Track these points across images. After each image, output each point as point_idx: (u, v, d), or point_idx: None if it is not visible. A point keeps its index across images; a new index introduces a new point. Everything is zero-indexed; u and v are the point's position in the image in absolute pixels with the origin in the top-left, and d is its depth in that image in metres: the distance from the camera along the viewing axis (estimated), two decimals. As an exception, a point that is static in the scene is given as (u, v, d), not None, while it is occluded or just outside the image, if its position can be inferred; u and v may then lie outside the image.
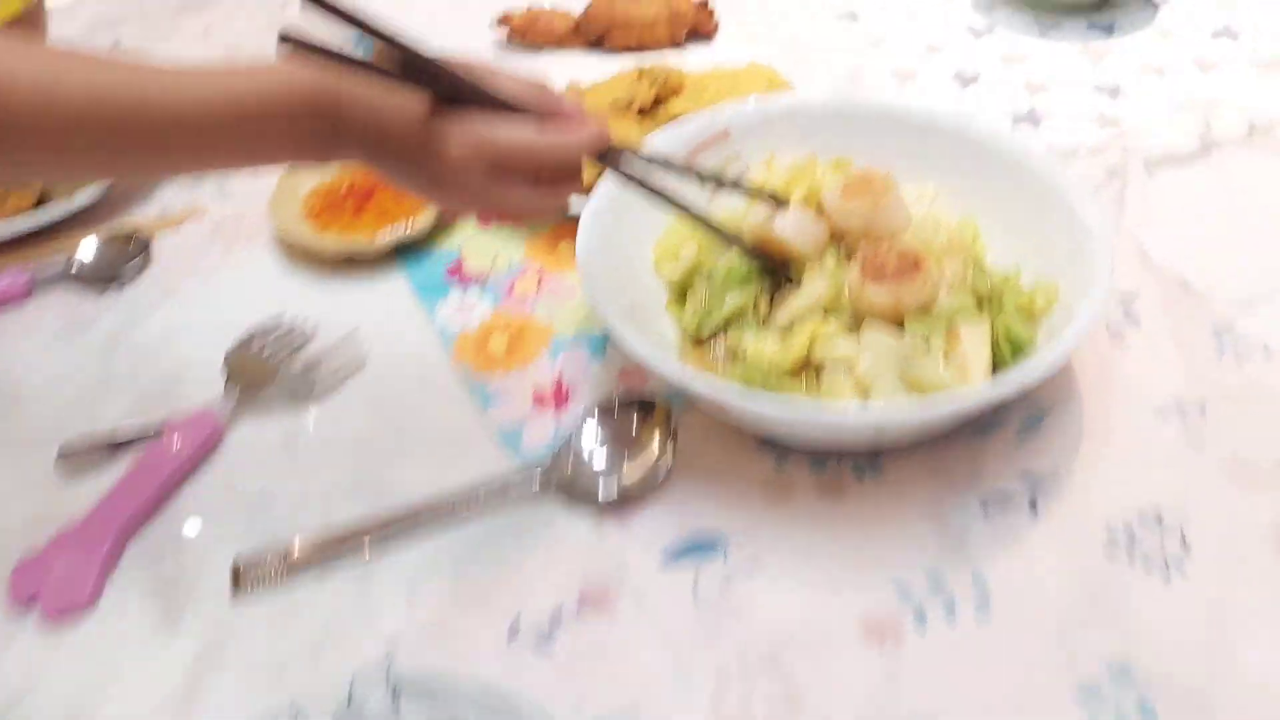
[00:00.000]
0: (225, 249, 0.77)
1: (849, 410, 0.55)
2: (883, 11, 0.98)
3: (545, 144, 0.53)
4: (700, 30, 0.93)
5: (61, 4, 1.06)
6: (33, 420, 0.65)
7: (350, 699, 0.49)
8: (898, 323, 0.60)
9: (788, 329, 0.62)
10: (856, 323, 0.61)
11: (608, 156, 0.57)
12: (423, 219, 0.75)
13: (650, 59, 0.90)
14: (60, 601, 0.54)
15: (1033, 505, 0.56)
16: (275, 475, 0.61)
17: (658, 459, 0.59)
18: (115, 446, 0.62)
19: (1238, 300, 0.67)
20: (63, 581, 0.55)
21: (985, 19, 0.96)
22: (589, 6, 0.93)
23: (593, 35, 0.92)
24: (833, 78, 0.86)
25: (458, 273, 0.74)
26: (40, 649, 0.52)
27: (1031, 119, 0.83)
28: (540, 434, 0.62)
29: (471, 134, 0.52)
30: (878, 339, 0.58)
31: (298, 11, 0.99)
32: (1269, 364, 0.63)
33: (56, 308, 0.73)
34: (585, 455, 0.59)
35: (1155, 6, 0.95)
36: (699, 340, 0.64)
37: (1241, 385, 0.62)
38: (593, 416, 0.61)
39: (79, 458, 0.61)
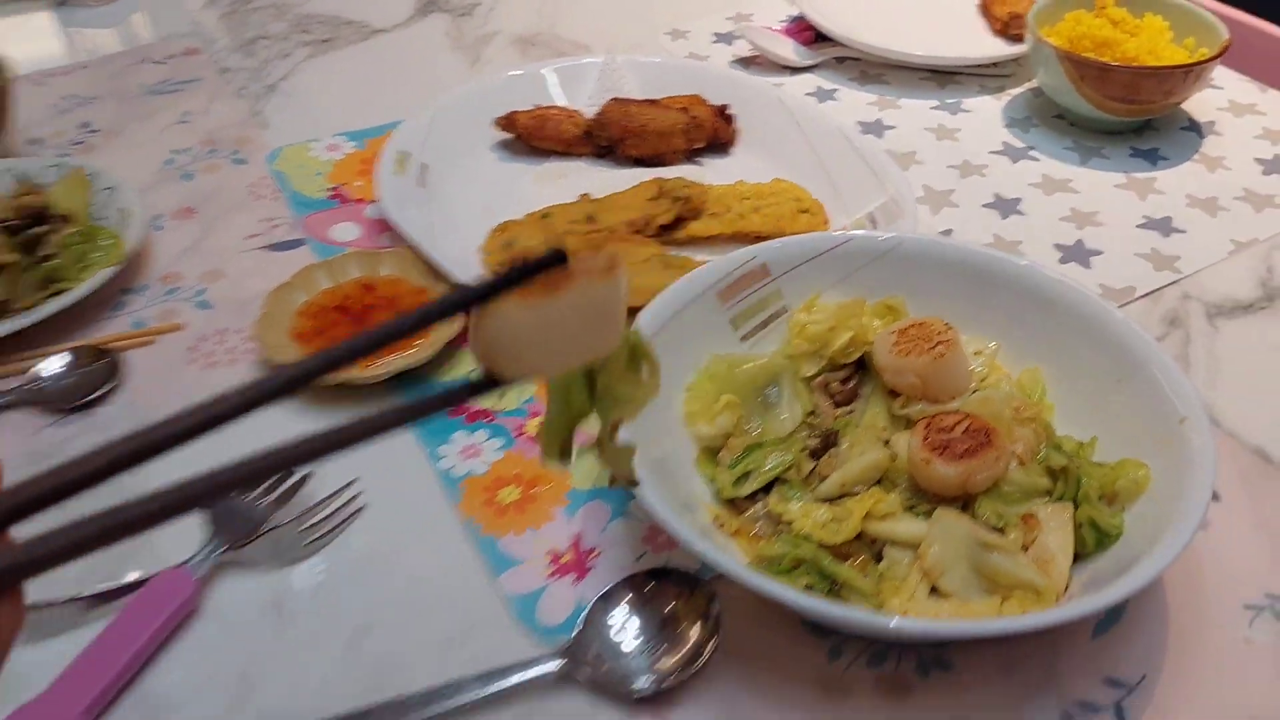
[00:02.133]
0: (204, 369, 0.70)
1: (917, 621, 0.49)
2: (908, 121, 0.94)
3: None
4: (720, 139, 0.88)
5: (29, 77, 0.99)
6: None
7: None
8: (962, 501, 0.54)
9: (837, 498, 0.56)
10: (914, 495, 0.55)
11: None
12: (424, 347, 0.68)
13: (666, 171, 0.84)
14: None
15: (1119, 717, 0.50)
16: (259, 654, 0.53)
17: (696, 642, 0.52)
18: (76, 608, 0.54)
19: (1317, 472, 0.62)
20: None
21: (1020, 138, 0.91)
22: (602, 111, 0.87)
23: (604, 142, 0.87)
24: (859, 199, 0.81)
25: (463, 410, 0.67)
26: None
27: (1080, 255, 0.78)
28: (559, 606, 0.55)
29: None
30: (949, 524, 0.52)
31: (276, 104, 0.95)
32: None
33: (15, 432, 0.65)
34: (613, 636, 0.52)
35: (1198, 130, 0.91)
36: (735, 501, 0.58)
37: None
38: (620, 589, 0.54)
39: (34, 620, 0.53)
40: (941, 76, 0.99)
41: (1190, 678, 0.52)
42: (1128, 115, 0.88)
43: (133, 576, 0.55)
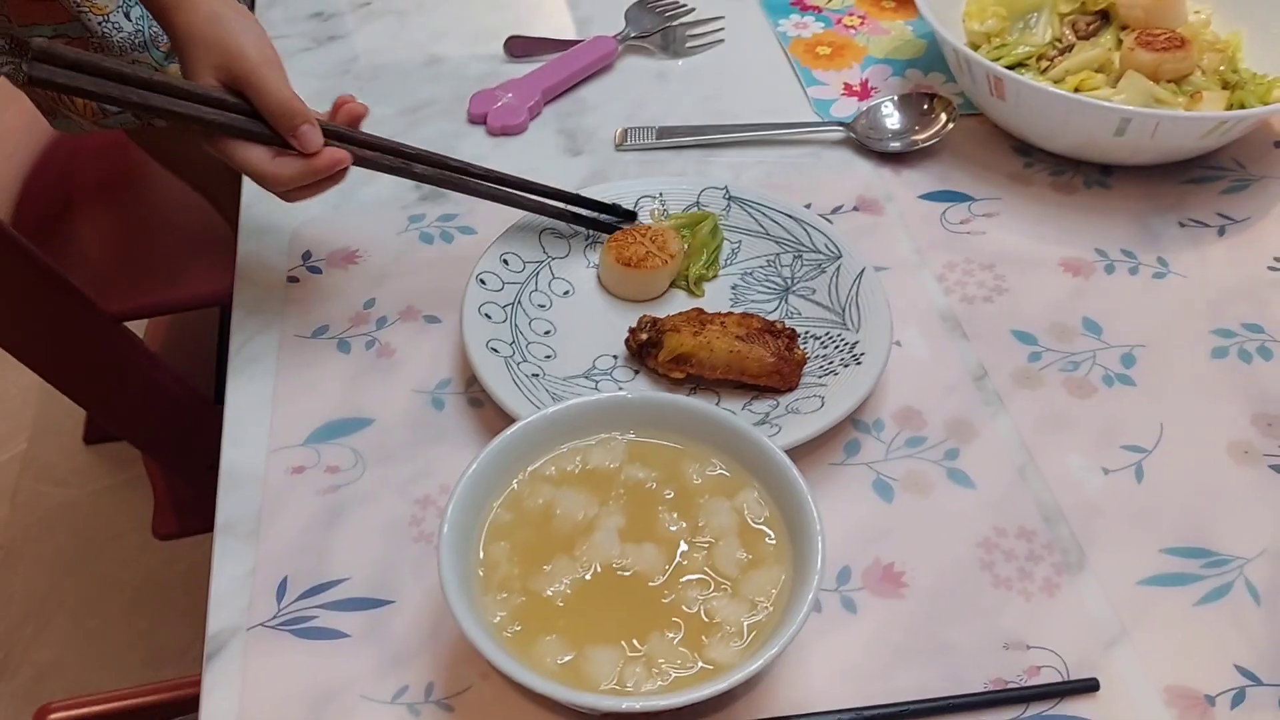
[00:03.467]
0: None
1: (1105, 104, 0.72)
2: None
3: (271, 175, 0.58)
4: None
5: None
6: (484, 22, 0.89)
7: (699, 204, 0.70)
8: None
9: (1060, 79, 0.79)
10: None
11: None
12: (783, -40, 0.94)
13: None
14: (502, 123, 0.78)
15: (1220, 231, 0.72)
16: (647, 93, 0.83)
17: (936, 132, 0.77)
18: (540, 47, 0.86)
19: None
20: (505, 110, 0.79)
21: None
22: None
23: None
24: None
25: (799, 3, 0.93)
26: (486, 149, 0.77)
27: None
28: (846, 109, 0.81)
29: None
30: (1137, 80, 0.74)
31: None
32: None
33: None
34: (882, 120, 0.79)
35: None
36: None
37: None
38: (893, 100, 0.80)
39: (518, 49, 0.86)
40: None
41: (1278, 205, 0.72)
42: None
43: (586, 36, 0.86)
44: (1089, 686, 0.48)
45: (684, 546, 0.46)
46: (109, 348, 0.98)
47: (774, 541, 0.46)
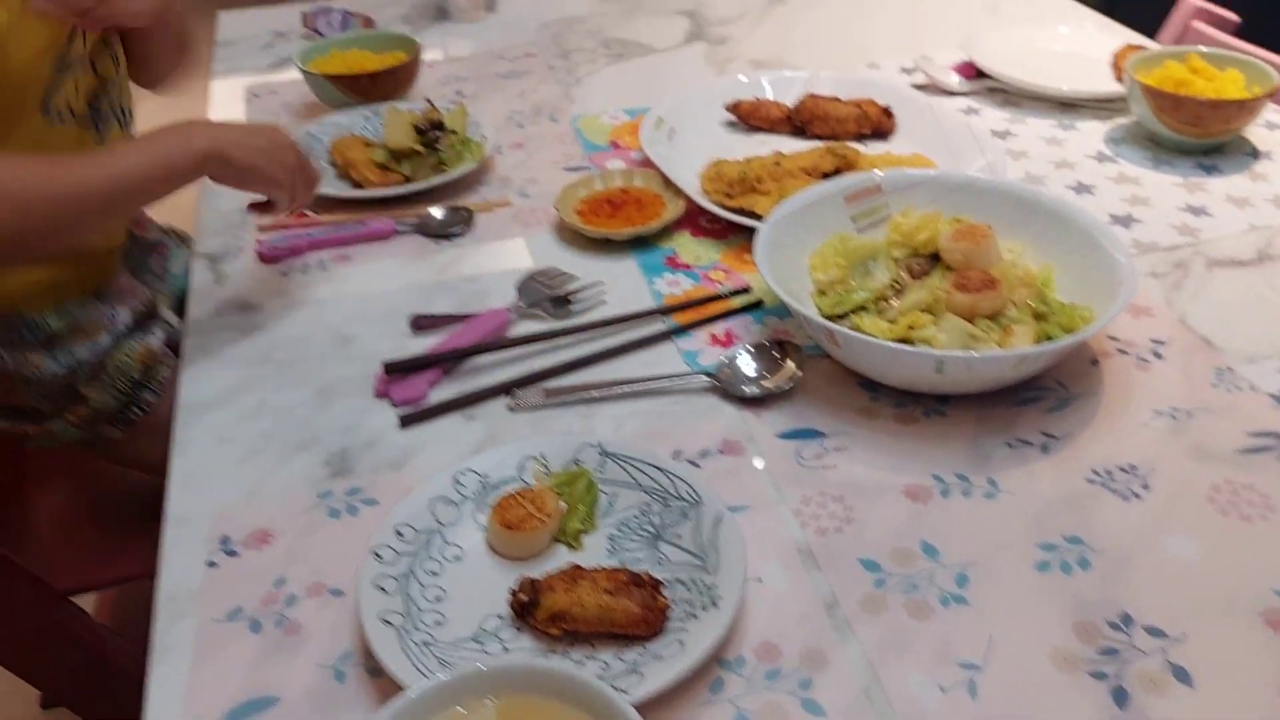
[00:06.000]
0: (522, 226, 1.12)
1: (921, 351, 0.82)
2: (1029, 132, 1.25)
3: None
4: (881, 130, 1.23)
5: (425, 63, 1.48)
6: (392, 304, 1.00)
7: (576, 460, 0.78)
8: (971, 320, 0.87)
9: (894, 320, 0.90)
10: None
11: None
12: (654, 224, 1.07)
13: (837, 144, 1.20)
14: (404, 396, 0.87)
15: (1044, 449, 0.81)
16: (539, 349, 0.93)
17: (788, 378, 0.87)
18: (442, 322, 0.96)
19: (1243, 354, 0.89)
20: (407, 384, 0.88)
21: (1112, 150, 1.21)
22: (799, 102, 1.25)
23: (799, 123, 1.24)
24: (974, 170, 1.13)
25: (672, 261, 1.05)
26: (389, 423, 0.86)
27: (1125, 221, 1.08)
28: (712, 358, 0.91)
29: None
30: (954, 322, 0.85)
31: (581, 90, 1.38)
32: (1253, 394, 0.85)
33: (411, 246, 1.09)
34: (741, 369, 0.88)
35: (1256, 155, 1.18)
36: (830, 319, 0.93)
37: (1224, 406, 0.84)
38: (749, 350, 0.90)
39: (423, 324, 0.96)
40: (1066, 106, 1.30)
41: (1097, 435, 0.82)
42: (1196, 138, 1.16)
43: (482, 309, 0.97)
44: None
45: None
46: (55, 624, 1.03)
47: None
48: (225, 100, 1.43)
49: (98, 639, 1.05)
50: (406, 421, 0.85)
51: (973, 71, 1.37)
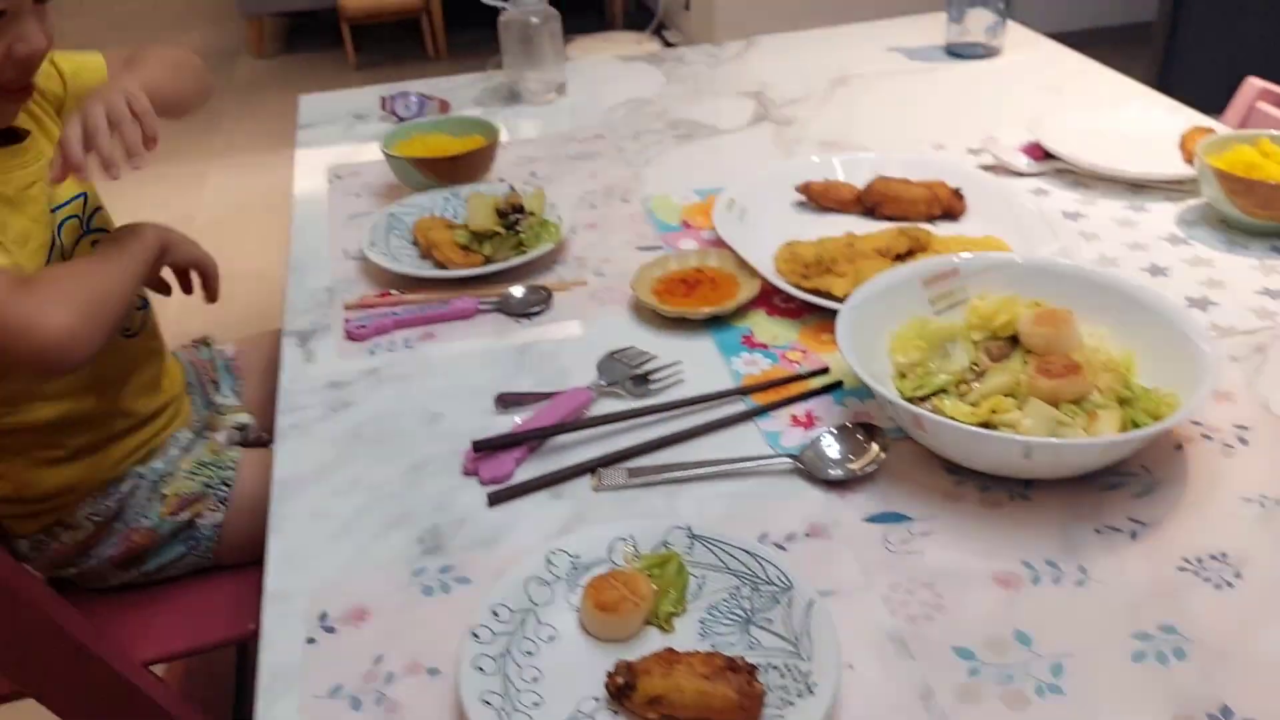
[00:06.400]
0: (599, 305, 1.14)
1: (1008, 436, 0.83)
2: (1101, 214, 1.26)
3: None
4: (952, 211, 1.25)
5: (501, 144, 1.52)
6: (476, 381, 1.03)
7: (665, 543, 0.79)
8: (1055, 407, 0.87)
9: (976, 403, 0.90)
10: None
11: None
12: (729, 304, 1.09)
13: (910, 225, 1.22)
14: (492, 474, 0.89)
15: (1132, 536, 0.80)
16: (621, 428, 0.94)
17: (871, 460, 0.88)
18: (525, 400, 0.98)
19: (1332, 442, 0.89)
20: (495, 462, 0.90)
21: (1184, 232, 1.22)
22: (870, 184, 1.27)
23: (869, 204, 1.26)
24: (1048, 253, 1.15)
25: (749, 341, 1.07)
26: (478, 500, 0.88)
27: (1202, 304, 1.08)
28: (794, 439, 0.92)
29: None
30: (1039, 407, 0.86)
31: (650, 170, 1.41)
32: (1345, 485, 0.84)
33: (493, 324, 1.12)
34: (824, 451, 0.89)
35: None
36: (912, 401, 0.93)
37: (1316, 493, 0.84)
38: (832, 432, 0.91)
39: (507, 401, 0.98)
40: (1136, 187, 1.31)
41: (1187, 523, 0.81)
42: (1269, 220, 1.16)
43: (563, 386, 0.99)
44: None
45: None
46: (134, 693, 1.05)
47: None
48: (308, 181, 1.48)
49: (181, 709, 1.07)
50: (495, 499, 0.87)
51: (1040, 153, 1.39)
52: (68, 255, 1.08)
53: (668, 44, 4.06)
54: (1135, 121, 1.47)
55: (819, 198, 1.29)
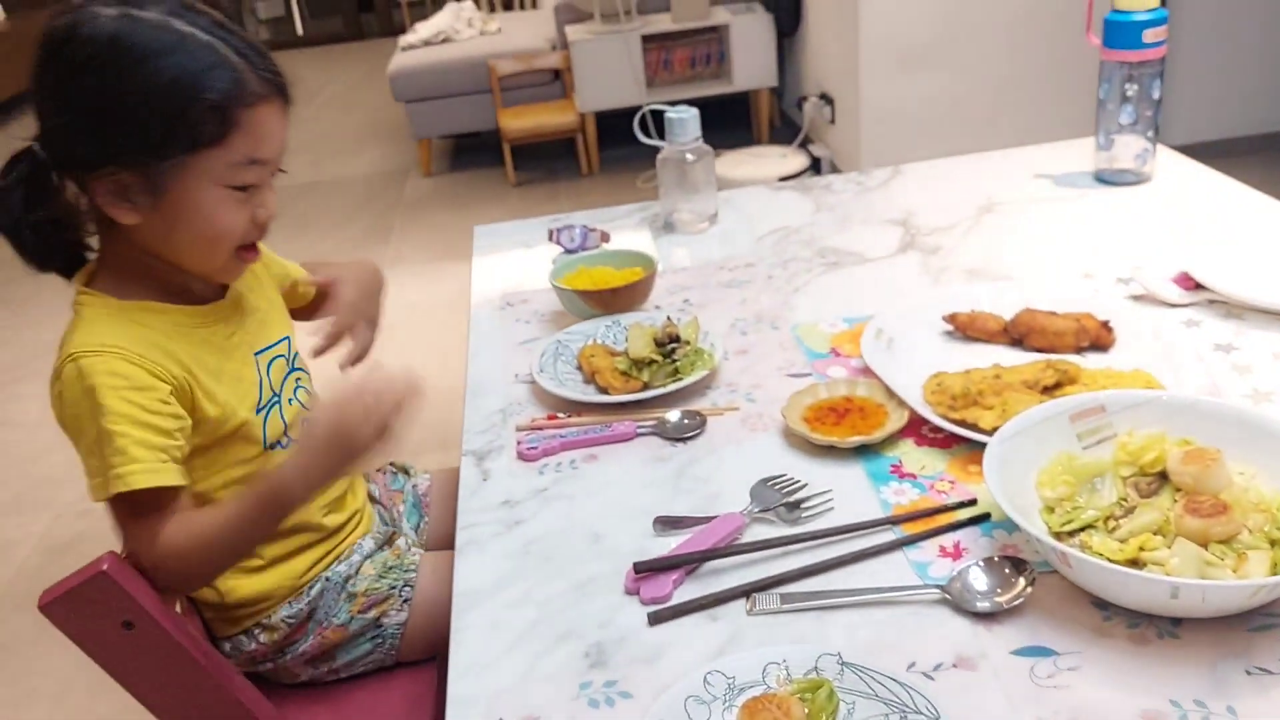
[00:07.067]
0: (750, 431, 1.21)
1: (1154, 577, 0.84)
2: (1254, 347, 1.26)
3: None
4: (1100, 343, 1.27)
5: (659, 274, 1.63)
6: (635, 502, 1.10)
7: (816, 668, 0.84)
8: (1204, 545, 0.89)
9: (1125, 540, 0.92)
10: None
11: None
12: (878, 433, 1.14)
13: (1057, 358, 1.25)
14: (652, 595, 0.96)
15: (1290, 682, 0.81)
16: (774, 557, 1.00)
17: (1018, 593, 0.91)
18: (683, 523, 1.05)
19: None
20: (654, 583, 0.97)
21: (1346, 367, 1.21)
22: (1017, 315, 1.31)
23: (1016, 335, 1.30)
24: (1196, 388, 1.15)
25: (898, 470, 1.11)
26: (638, 618, 0.94)
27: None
28: (942, 570, 0.96)
29: None
30: (1187, 548, 0.87)
31: (799, 297, 1.49)
32: None
33: (650, 447, 1.20)
34: (972, 583, 0.93)
35: None
36: (1059, 536, 0.96)
37: None
38: (980, 565, 0.94)
39: (665, 524, 1.05)
40: (1295, 319, 1.31)
41: (1346, 670, 0.81)
42: None
43: (718, 510, 1.06)
44: None
45: None
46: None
47: None
48: (483, 307, 1.62)
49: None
50: (655, 619, 0.94)
51: (1191, 283, 1.40)
52: (277, 390, 1.22)
53: (813, 157, 4.17)
54: (1290, 250, 1.46)
55: (965, 328, 1.34)
